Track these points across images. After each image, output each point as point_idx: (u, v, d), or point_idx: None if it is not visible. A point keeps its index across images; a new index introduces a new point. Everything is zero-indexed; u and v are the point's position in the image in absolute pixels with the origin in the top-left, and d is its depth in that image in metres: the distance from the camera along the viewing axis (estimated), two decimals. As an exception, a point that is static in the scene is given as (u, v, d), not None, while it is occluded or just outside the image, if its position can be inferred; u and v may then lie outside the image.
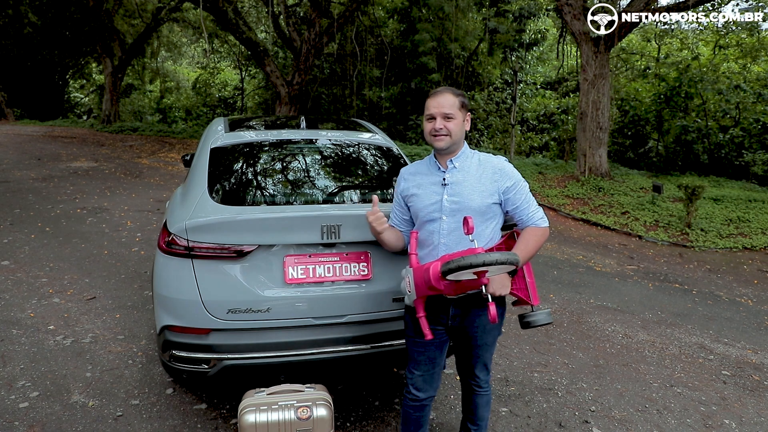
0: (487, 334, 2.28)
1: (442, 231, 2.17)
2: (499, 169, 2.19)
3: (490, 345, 2.33)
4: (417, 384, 2.31)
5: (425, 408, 2.37)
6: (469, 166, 2.21)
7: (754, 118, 13.83)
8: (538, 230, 2.20)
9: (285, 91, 15.41)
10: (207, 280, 2.43)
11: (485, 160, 2.23)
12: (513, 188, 2.18)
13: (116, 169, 10.90)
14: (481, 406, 2.45)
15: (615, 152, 15.90)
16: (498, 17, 17.96)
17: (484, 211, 2.17)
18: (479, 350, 2.31)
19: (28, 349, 3.52)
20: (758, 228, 8.45)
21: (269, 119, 4.06)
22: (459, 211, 2.15)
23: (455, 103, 2.16)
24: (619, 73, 17.74)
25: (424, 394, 2.31)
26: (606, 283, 5.88)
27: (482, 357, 2.34)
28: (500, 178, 2.18)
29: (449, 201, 2.17)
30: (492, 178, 2.18)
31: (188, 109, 27.04)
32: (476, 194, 2.15)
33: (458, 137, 2.18)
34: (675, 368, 3.84)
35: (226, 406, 2.97)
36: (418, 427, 2.39)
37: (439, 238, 2.17)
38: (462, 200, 2.15)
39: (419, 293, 2.09)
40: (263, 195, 2.74)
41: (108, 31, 19.29)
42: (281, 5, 16.34)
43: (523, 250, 2.14)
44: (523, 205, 2.20)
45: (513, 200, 2.19)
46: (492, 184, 2.17)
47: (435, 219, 2.19)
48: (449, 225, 2.16)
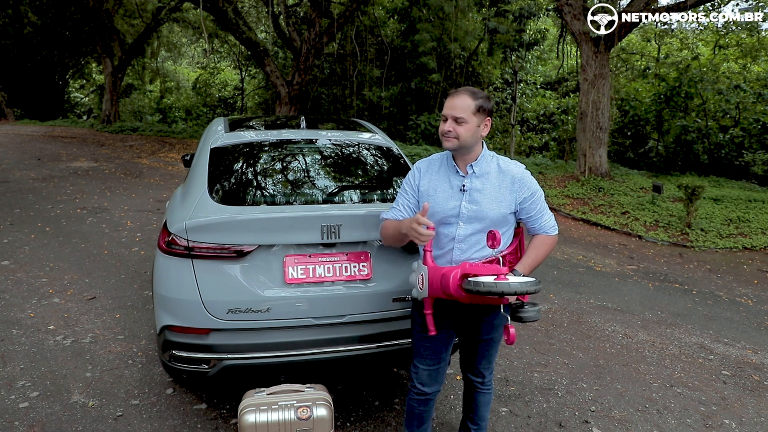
0: (495, 330, 2.29)
1: (458, 236, 2.15)
2: (519, 179, 2.16)
3: (495, 341, 2.35)
4: (422, 378, 2.32)
5: (429, 403, 2.39)
6: (488, 173, 2.16)
7: (754, 118, 13.83)
8: (548, 239, 2.24)
9: (285, 91, 15.41)
10: (207, 280, 2.43)
11: (505, 167, 2.18)
12: (530, 198, 2.18)
13: (116, 169, 10.90)
14: (482, 406, 2.46)
15: (615, 152, 15.90)
16: (498, 17, 17.95)
17: (501, 220, 2.16)
18: (485, 345, 2.33)
19: (28, 349, 3.52)
20: (758, 228, 8.44)
21: (269, 119, 4.06)
22: (476, 218, 2.13)
23: (470, 106, 2.07)
24: (619, 73, 17.75)
25: (428, 389, 2.33)
26: (606, 283, 5.88)
27: (488, 353, 2.36)
28: (519, 188, 2.16)
29: (467, 208, 2.14)
30: (511, 188, 2.16)
31: (188, 109, 27.02)
32: (495, 204, 2.13)
33: (468, 142, 2.10)
34: (675, 368, 3.84)
35: (226, 406, 2.97)
36: (422, 422, 2.41)
37: (454, 243, 2.16)
38: (480, 209, 2.13)
39: (431, 293, 2.09)
40: (263, 195, 2.74)
41: (108, 31, 19.28)
42: (281, 5, 16.35)
43: (533, 259, 2.19)
44: (538, 214, 2.21)
45: (528, 210, 2.20)
46: (511, 195, 2.16)
47: (451, 224, 2.16)
48: (465, 231, 2.15)
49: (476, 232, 2.14)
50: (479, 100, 2.09)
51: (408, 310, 2.58)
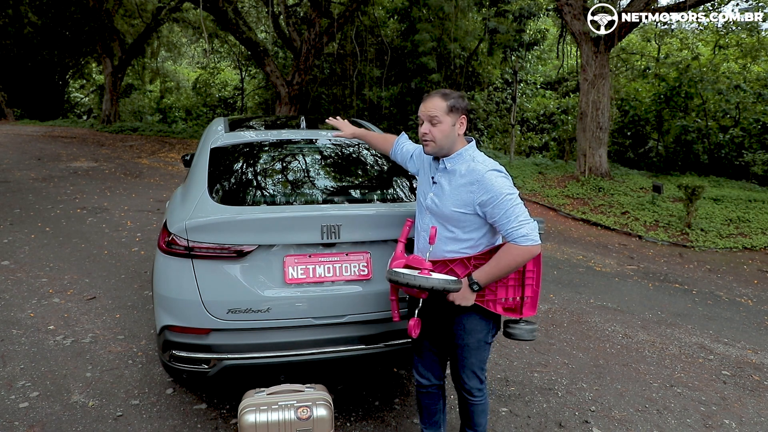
0: (469, 335, 2.24)
1: (421, 225, 2.27)
2: (477, 180, 2.07)
3: (473, 349, 2.26)
4: (418, 369, 2.43)
5: (433, 396, 2.43)
6: (456, 171, 2.14)
7: (754, 118, 13.82)
8: (514, 248, 2.03)
9: (285, 91, 15.41)
10: (207, 280, 2.44)
11: (473, 167, 2.11)
12: (490, 202, 2.04)
13: (116, 169, 10.90)
14: (477, 414, 2.42)
15: (615, 152, 15.90)
16: (498, 17, 17.95)
17: (459, 219, 2.12)
18: (463, 351, 2.27)
19: (28, 349, 3.52)
20: (758, 228, 8.44)
21: (269, 119, 4.06)
22: (436, 213, 2.19)
23: (442, 107, 2.10)
24: (619, 73, 17.74)
25: (426, 381, 2.41)
26: (606, 283, 5.88)
27: (468, 360, 2.28)
28: (477, 190, 2.06)
29: (432, 200, 2.21)
30: (469, 189, 2.08)
31: (188, 109, 27.03)
32: (450, 202, 2.13)
33: (443, 142, 2.13)
34: (675, 368, 3.84)
35: (226, 406, 2.97)
36: (431, 414, 2.45)
37: (420, 231, 2.28)
38: (440, 204, 2.16)
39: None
40: (263, 195, 2.74)
41: (108, 31, 19.28)
42: (281, 5, 16.35)
43: (492, 266, 2.07)
44: (502, 220, 2.04)
45: (491, 214, 2.07)
46: (467, 195, 2.09)
47: (422, 211, 2.27)
48: (427, 221, 2.22)
49: (438, 227, 2.17)
50: (451, 100, 2.13)
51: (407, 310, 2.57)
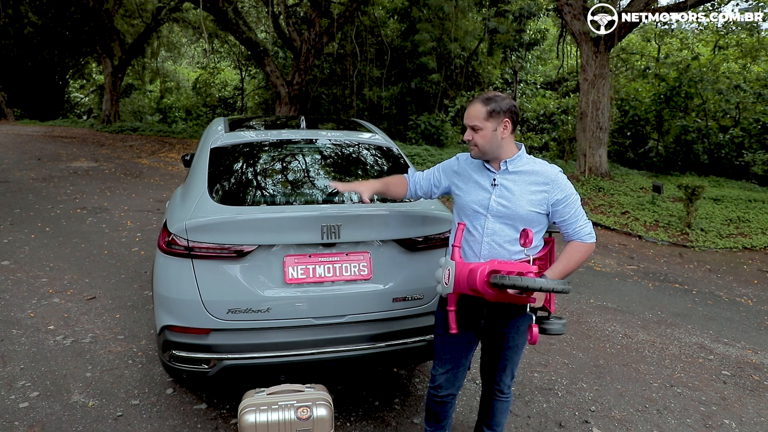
0: (520, 336, 2.27)
1: (487, 230, 2.15)
2: (552, 180, 2.13)
3: (520, 347, 2.31)
4: (440, 382, 2.33)
5: (446, 405, 2.40)
6: (521, 172, 2.15)
7: (754, 118, 13.82)
8: (583, 246, 2.16)
9: (285, 91, 15.41)
10: (207, 280, 2.43)
11: (540, 168, 2.16)
12: (563, 201, 2.12)
13: (116, 169, 10.89)
14: (500, 412, 2.44)
15: (615, 152, 15.89)
16: (498, 17, 17.96)
17: (533, 219, 2.13)
18: (509, 352, 2.30)
19: (28, 349, 3.52)
20: (758, 228, 8.44)
21: (269, 119, 4.06)
22: (505, 215, 2.12)
23: (481, 113, 2.10)
24: (619, 73, 17.74)
25: (445, 392, 2.34)
26: (606, 283, 5.88)
27: (510, 360, 2.33)
28: (552, 189, 2.12)
29: (497, 203, 2.13)
30: (542, 189, 2.13)
31: (188, 109, 27.03)
32: (525, 202, 2.11)
33: (487, 147, 2.12)
34: (675, 368, 3.84)
35: (226, 406, 2.97)
36: (439, 420, 2.43)
37: (482, 237, 2.16)
38: (510, 205, 2.12)
39: (457, 289, 2.07)
40: (263, 195, 2.74)
41: (108, 31, 19.28)
42: (281, 5, 16.35)
43: (564, 265, 2.13)
44: (572, 219, 2.14)
45: (562, 213, 2.14)
46: (541, 195, 2.12)
47: (479, 217, 2.17)
48: (493, 225, 2.14)
49: (505, 229, 2.13)
50: (491, 104, 2.10)
51: (408, 310, 2.58)
